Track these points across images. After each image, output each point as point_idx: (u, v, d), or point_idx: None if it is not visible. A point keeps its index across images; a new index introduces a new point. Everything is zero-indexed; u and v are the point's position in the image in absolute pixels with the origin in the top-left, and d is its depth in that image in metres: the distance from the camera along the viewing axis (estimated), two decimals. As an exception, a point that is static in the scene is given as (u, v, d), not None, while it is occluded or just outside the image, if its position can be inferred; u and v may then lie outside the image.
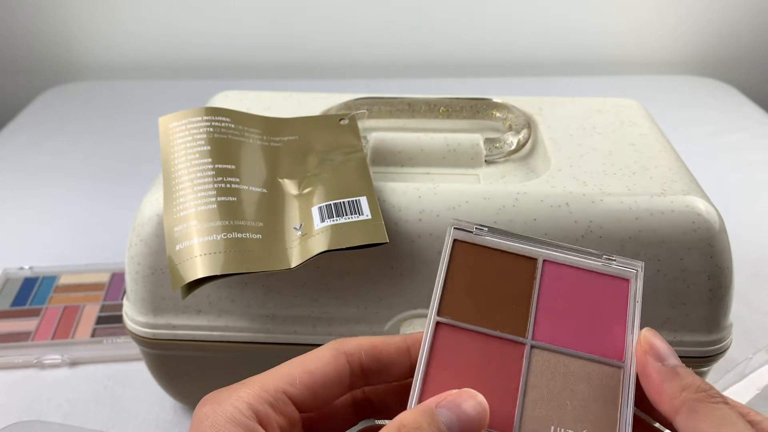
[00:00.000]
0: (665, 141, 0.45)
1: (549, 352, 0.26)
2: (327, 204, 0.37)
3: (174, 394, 0.46)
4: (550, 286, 0.28)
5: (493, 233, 0.29)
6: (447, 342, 0.27)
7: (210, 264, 0.34)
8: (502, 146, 0.44)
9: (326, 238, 0.35)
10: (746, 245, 0.62)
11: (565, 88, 1.04)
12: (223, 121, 0.40)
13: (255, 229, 0.36)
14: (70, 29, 1.10)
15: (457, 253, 0.28)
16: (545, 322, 0.27)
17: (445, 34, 1.11)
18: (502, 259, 0.28)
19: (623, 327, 0.27)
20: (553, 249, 0.28)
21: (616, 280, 0.28)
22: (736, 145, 0.86)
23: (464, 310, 0.27)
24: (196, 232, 0.35)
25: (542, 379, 0.26)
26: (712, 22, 1.12)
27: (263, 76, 1.12)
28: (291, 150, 0.41)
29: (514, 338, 0.26)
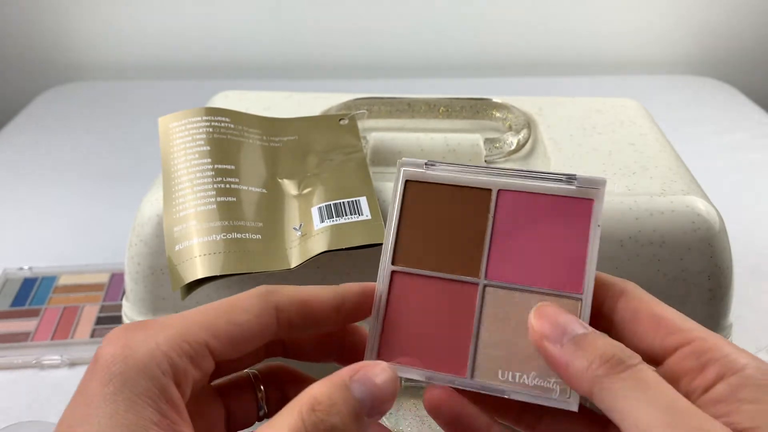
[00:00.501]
0: (665, 141, 0.45)
1: (503, 290, 0.25)
2: (327, 204, 0.37)
3: (174, 395, 0.46)
4: (505, 217, 0.26)
5: (445, 165, 0.27)
6: (402, 290, 0.26)
7: (210, 264, 0.34)
8: (502, 146, 0.44)
9: (326, 239, 0.35)
10: (746, 245, 0.62)
11: (565, 88, 1.04)
12: (223, 121, 0.40)
13: (254, 229, 0.36)
14: (71, 29, 1.10)
15: (410, 194, 0.27)
16: (499, 259, 0.26)
17: (445, 34, 1.11)
18: (456, 194, 0.27)
19: (584, 255, 0.25)
20: (509, 177, 0.27)
21: (579, 200, 0.26)
22: (736, 145, 0.86)
23: (419, 255, 0.26)
24: (196, 232, 0.35)
25: (496, 319, 0.25)
26: (712, 22, 1.12)
27: (263, 76, 1.12)
28: (291, 150, 0.41)
29: (467, 279, 0.26)
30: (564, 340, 0.22)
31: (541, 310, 0.24)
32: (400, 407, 0.38)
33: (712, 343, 0.22)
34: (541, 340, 0.23)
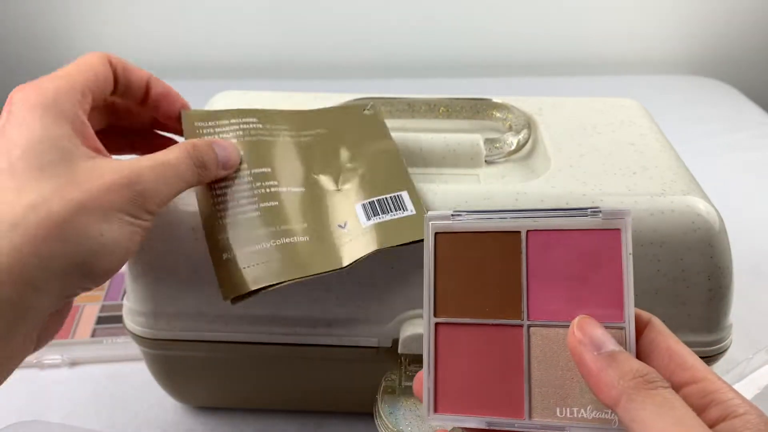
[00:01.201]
0: (665, 141, 0.45)
1: (547, 328, 0.26)
2: (370, 201, 0.37)
3: (174, 394, 0.46)
4: (537, 257, 0.27)
5: (471, 215, 0.28)
6: (448, 340, 0.27)
7: (263, 274, 0.34)
8: (502, 146, 0.44)
9: (375, 237, 0.35)
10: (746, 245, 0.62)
11: (565, 88, 1.04)
12: (251, 122, 0.40)
13: (301, 231, 0.36)
14: (71, 29, 1.10)
15: (441, 245, 0.28)
16: (538, 298, 0.26)
17: (445, 35, 1.11)
18: (486, 240, 0.28)
19: (620, 285, 0.26)
20: (535, 217, 0.27)
21: (606, 232, 0.26)
22: (736, 145, 0.86)
23: (459, 304, 0.27)
24: (245, 240, 0.35)
25: (544, 358, 0.26)
26: (712, 22, 1.12)
27: (263, 76, 1.12)
28: (321, 144, 0.41)
29: (511, 322, 0.26)
30: (600, 351, 0.24)
31: (582, 322, 0.25)
32: (401, 407, 0.38)
33: (718, 386, 0.23)
34: (578, 345, 0.24)
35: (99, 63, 0.34)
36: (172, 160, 0.31)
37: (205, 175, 0.34)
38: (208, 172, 0.34)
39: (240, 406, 0.47)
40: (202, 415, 0.47)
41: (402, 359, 0.39)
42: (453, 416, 0.26)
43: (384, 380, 0.39)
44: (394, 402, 0.38)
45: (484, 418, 0.26)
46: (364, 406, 0.39)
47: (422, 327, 0.27)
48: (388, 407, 0.38)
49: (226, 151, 0.36)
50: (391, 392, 0.38)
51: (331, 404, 0.46)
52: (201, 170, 0.33)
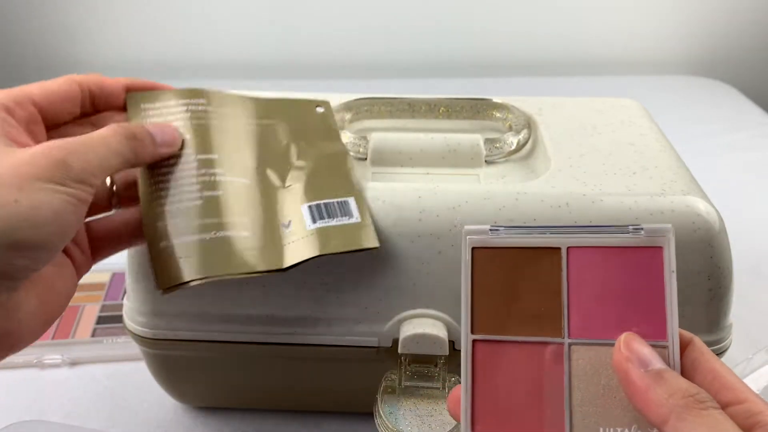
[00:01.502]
0: (665, 141, 0.45)
1: (588, 346, 0.25)
2: (317, 204, 0.36)
3: (174, 394, 0.46)
4: (578, 274, 0.26)
5: (509, 230, 0.27)
6: (486, 358, 0.26)
7: (199, 266, 0.33)
8: (502, 146, 0.44)
9: (319, 241, 0.35)
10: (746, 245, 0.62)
11: (565, 88, 1.04)
12: (200, 103, 0.39)
13: (242, 225, 0.35)
14: (71, 30, 1.10)
15: (478, 260, 0.27)
16: (579, 316, 0.26)
17: (445, 35, 1.11)
18: (525, 256, 0.27)
19: (662, 303, 0.25)
20: (575, 234, 0.27)
21: (648, 250, 0.26)
22: (736, 145, 0.86)
23: (497, 321, 0.26)
24: (184, 229, 0.34)
25: (585, 376, 0.25)
26: (712, 22, 1.12)
27: (263, 76, 1.12)
28: (271, 135, 0.40)
29: (550, 340, 0.26)
30: (649, 368, 0.24)
31: (629, 339, 0.25)
32: (401, 407, 0.38)
33: (762, 407, 0.23)
34: (625, 362, 0.24)
35: (60, 81, 0.34)
36: (98, 133, 0.32)
37: (140, 149, 0.33)
38: (143, 145, 0.34)
39: (240, 406, 0.47)
40: (202, 415, 0.47)
41: (402, 359, 0.39)
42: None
43: (384, 380, 0.39)
44: (394, 402, 0.38)
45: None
46: (364, 406, 0.39)
47: (461, 344, 0.26)
48: (388, 407, 0.38)
49: (162, 130, 0.35)
50: (391, 392, 0.38)
51: (330, 404, 0.46)
52: (134, 142, 0.33)
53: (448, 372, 0.39)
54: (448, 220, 0.37)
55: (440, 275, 0.37)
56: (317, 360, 0.41)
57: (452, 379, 0.39)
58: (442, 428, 0.36)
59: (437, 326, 0.38)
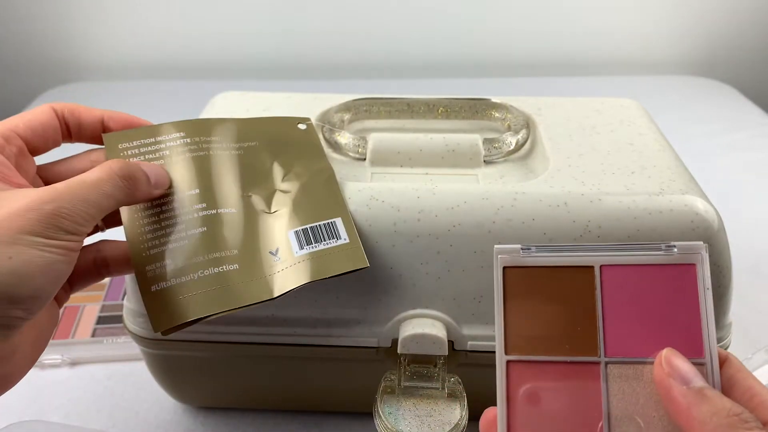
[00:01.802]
0: (664, 140, 0.45)
1: (625, 365, 0.25)
2: (303, 228, 0.36)
3: (174, 394, 0.46)
4: (612, 292, 0.26)
5: (540, 249, 0.27)
6: (521, 379, 0.26)
7: (193, 306, 0.33)
8: (501, 146, 0.44)
9: (308, 268, 0.34)
10: (746, 245, 0.62)
11: (564, 88, 1.04)
12: (178, 138, 0.38)
13: (231, 258, 0.35)
14: (71, 30, 1.10)
15: (510, 279, 0.27)
16: (615, 335, 0.26)
17: (445, 35, 1.11)
18: (557, 275, 0.27)
19: (697, 320, 0.25)
20: (608, 252, 0.27)
21: (681, 267, 0.26)
22: (736, 145, 0.87)
23: (531, 340, 0.26)
24: (173, 271, 0.34)
25: (624, 395, 0.25)
26: (712, 23, 1.12)
27: (263, 76, 1.12)
28: (252, 159, 0.39)
29: (587, 359, 0.26)
30: (690, 385, 0.24)
31: (670, 355, 0.25)
32: (400, 407, 0.38)
33: None
34: (666, 378, 0.24)
35: (39, 112, 0.35)
36: (92, 177, 0.31)
37: (136, 188, 0.33)
38: (138, 185, 0.33)
39: (240, 406, 0.47)
40: (202, 415, 0.47)
41: (401, 359, 0.39)
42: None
43: (384, 380, 0.39)
44: (393, 402, 0.38)
45: None
46: (364, 406, 0.39)
47: (495, 364, 0.26)
48: (388, 407, 0.38)
49: (154, 170, 0.35)
50: (390, 392, 0.38)
51: (331, 404, 0.46)
52: (130, 182, 0.32)
53: (448, 372, 0.39)
54: (447, 220, 0.37)
55: (439, 275, 0.37)
56: (317, 360, 0.41)
57: (451, 379, 0.39)
58: (442, 428, 0.36)
59: (436, 326, 0.38)
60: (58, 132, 0.36)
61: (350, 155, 0.44)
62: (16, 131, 0.34)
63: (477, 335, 0.38)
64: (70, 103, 0.36)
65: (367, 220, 0.37)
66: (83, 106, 0.37)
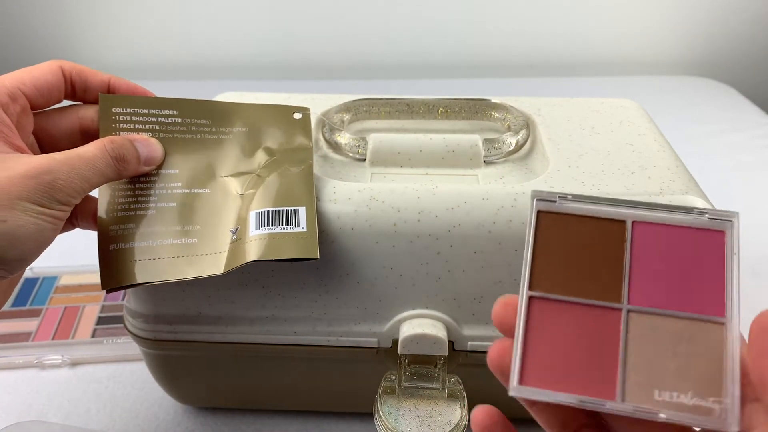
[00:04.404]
0: (664, 141, 0.45)
1: (647, 315, 0.25)
2: (265, 210, 0.36)
3: (174, 394, 0.46)
4: (641, 247, 0.27)
5: (577, 199, 0.28)
6: (542, 315, 0.26)
7: (145, 270, 0.35)
8: (501, 147, 0.44)
9: (258, 247, 0.35)
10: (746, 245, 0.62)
11: (564, 89, 1.04)
12: (171, 115, 0.39)
13: (192, 233, 0.36)
14: (71, 30, 1.10)
15: (543, 224, 0.28)
16: (640, 285, 0.26)
17: (445, 35, 1.11)
18: (590, 225, 0.27)
19: (722, 281, 0.25)
20: (641, 209, 0.27)
21: (711, 233, 0.26)
22: (736, 145, 0.87)
23: (556, 281, 0.26)
24: (134, 235, 0.36)
25: (642, 343, 0.25)
26: (712, 23, 1.12)
27: (263, 76, 1.12)
28: (239, 143, 0.40)
29: (609, 305, 0.26)
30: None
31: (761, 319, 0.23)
32: (400, 407, 0.38)
33: None
34: None
35: (47, 70, 0.35)
36: (88, 154, 0.32)
37: (125, 168, 0.35)
38: (128, 165, 0.35)
39: (240, 406, 0.47)
40: (202, 415, 0.47)
41: (402, 359, 0.39)
42: (539, 390, 0.25)
43: (384, 380, 0.39)
44: (393, 402, 0.38)
45: (575, 396, 0.25)
46: (364, 406, 0.40)
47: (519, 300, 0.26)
48: (388, 407, 0.38)
49: (149, 148, 0.36)
50: (390, 392, 0.39)
51: (331, 404, 0.46)
52: (120, 163, 0.34)
53: (448, 372, 0.39)
54: (447, 220, 0.37)
55: (440, 276, 0.37)
56: (317, 360, 0.41)
57: (452, 379, 0.39)
58: (442, 429, 0.37)
59: (437, 326, 0.38)
60: (62, 92, 0.36)
61: (350, 155, 0.44)
62: (22, 89, 0.34)
63: (477, 336, 0.38)
64: (78, 65, 0.37)
65: (367, 221, 0.37)
66: (90, 68, 0.37)
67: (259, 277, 0.38)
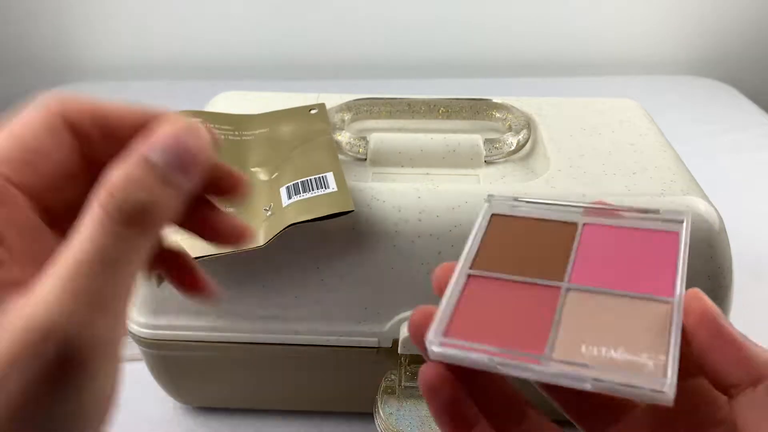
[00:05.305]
0: (664, 141, 0.45)
1: (588, 293, 0.24)
2: (294, 183, 0.37)
3: (174, 394, 0.46)
4: (590, 245, 0.26)
5: (530, 204, 0.28)
6: (477, 289, 0.25)
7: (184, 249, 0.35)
8: (502, 147, 0.44)
9: (293, 212, 0.35)
10: (746, 245, 0.62)
11: (565, 89, 1.04)
12: None
13: None
14: (71, 29, 1.10)
15: (495, 225, 0.27)
16: (584, 268, 0.25)
17: (445, 35, 1.11)
18: (540, 226, 0.27)
19: (672, 270, 0.24)
20: (594, 213, 0.27)
21: (663, 233, 0.26)
22: (736, 145, 0.86)
23: (498, 262, 0.26)
24: None
25: (576, 316, 0.23)
26: (712, 22, 1.12)
27: (263, 76, 1.12)
28: (262, 141, 0.42)
29: (549, 283, 0.24)
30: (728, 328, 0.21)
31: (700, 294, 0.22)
32: (401, 407, 0.38)
33: None
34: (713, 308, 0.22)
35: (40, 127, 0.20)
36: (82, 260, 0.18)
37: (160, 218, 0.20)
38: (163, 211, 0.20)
39: (240, 406, 0.47)
40: (202, 415, 0.47)
41: (402, 359, 0.39)
42: (461, 342, 0.22)
43: (384, 380, 0.39)
44: (394, 402, 0.38)
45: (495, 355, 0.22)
46: (364, 406, 0.39)
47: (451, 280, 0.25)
48: (388, 407, 0.38)
49: (166, 144, 0.20)
50: (391, 392, 0.38)
51: (331, 404, 0.46)
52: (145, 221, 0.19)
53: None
54: (448, 220, 0.37)
55: (440, 275, 0.37)
56: (317, 360, 0.41)
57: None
58: (442, 428, 0.36)
59: (437, 326, 0.38)
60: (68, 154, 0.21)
61: (351, 155, 0.44)
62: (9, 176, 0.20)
63: (478, 336, 0.38)
64: (87, 101, 0.21)
65: (368, 220, 0.37)
66: (105, 103, 0.22)
67: (259, 277, 0.38)
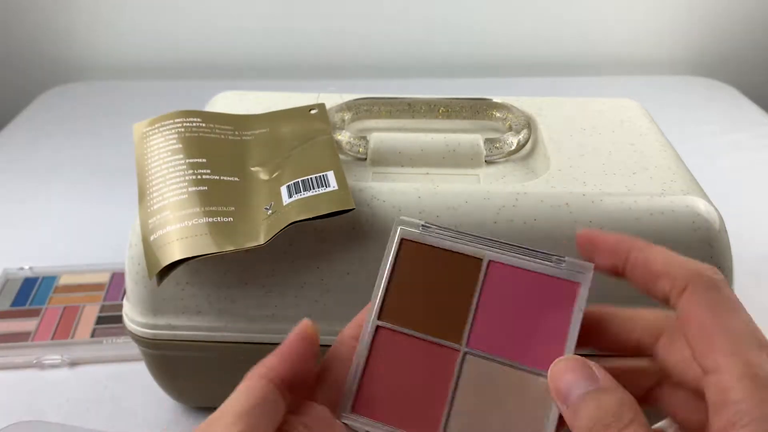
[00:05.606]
0: (665, 141, 0.45)
1: (483, 359, 0.26)
2: (295, 182, 0.38)
3: (174, 394, 0.46)
4: (492, 288, 0.27)
5: (440, 232, 0.28)
6: (385, 345, 0.27)
7: (184, 247, 0.35)
8: (502, 146, 0.44)
9: (294, 211, 0.36)
10: (746, 245, 0.62)
11: (565, 89, 1.04)
12: (194, 121, 0.42)
13: (226, 213, 0.37)
14: (71, 29, 1.10)
15: (404, 252, 0.28)
16: (482, 328, 0.26)
17: (446, 35, 1.11)
18: (448, 259, 0.27)
19: (563, 337, 0.25)
20: (501, 250, 0.27)
21: (565, 282, 0.26)
22: (737, 145, 0.86)
23: (405, 313, 0.27)
24: (170, 220, 0.36)
25: (472, 387, 0.25)
26: (712, 22, 1.12)
27: (263, 76, 1.12)
28: (262, 141, 0.43)
29: (449, 344, 0.26)
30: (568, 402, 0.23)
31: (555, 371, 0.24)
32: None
33: None
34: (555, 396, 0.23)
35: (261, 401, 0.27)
36: None
37: None
38: None
39: (240, 406, 0.47)
40: (202, 416, 0.46)
41: (402, 359, 0.39)
42: (366, 419, 0.25)
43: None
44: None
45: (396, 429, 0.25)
46: (364, 406, 0.39)
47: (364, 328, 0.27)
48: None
49: None
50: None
51: (331, 404, 0.46)
52: None
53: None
54: (448, 220, 0.37)
55: (440, 275, 0.37)
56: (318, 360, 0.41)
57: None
58: (442, 428, 0.36)
59: (437, 326, 0.38)
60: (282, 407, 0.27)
61: (351, 155, 0.44)
62: None
63: (478, 336, 0.38)
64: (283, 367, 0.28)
65: (368, 220, 0.37)
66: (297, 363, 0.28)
67: (259, 277, 0.38)
